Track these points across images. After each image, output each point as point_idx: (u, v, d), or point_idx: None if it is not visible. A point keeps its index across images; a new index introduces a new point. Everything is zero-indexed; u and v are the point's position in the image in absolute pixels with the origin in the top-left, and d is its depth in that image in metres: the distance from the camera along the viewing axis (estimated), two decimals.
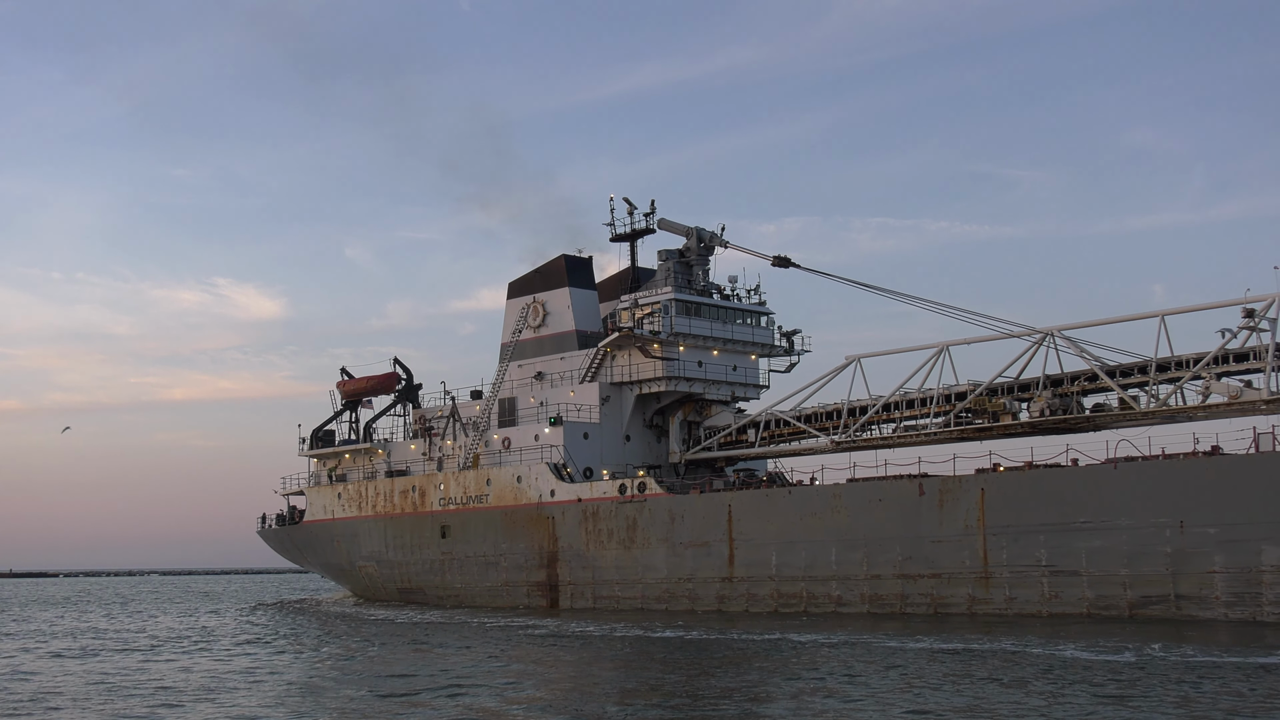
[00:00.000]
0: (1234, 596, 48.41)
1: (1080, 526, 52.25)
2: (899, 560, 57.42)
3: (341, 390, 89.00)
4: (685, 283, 76.08)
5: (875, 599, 58.08)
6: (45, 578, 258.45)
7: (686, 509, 65.52)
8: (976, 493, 55.42)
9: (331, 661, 42.55)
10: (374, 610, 75.15)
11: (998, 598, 54.42)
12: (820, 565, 59.97)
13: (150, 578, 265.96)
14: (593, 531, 69.51)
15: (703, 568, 64.45)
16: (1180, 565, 49.69)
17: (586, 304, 79.24)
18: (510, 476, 74.47)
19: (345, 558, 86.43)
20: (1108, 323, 60.44)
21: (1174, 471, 50.59)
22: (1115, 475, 51.96)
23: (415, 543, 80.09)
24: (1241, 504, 48.38)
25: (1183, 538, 49.66)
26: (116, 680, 37.90)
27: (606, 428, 74.74)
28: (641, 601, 66.88)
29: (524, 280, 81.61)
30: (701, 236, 76.97)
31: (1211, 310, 56.98)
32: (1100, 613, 51.41)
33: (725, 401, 76.23)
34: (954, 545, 55.84)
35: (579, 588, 70.08)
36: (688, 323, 74.00)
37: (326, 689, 34.28)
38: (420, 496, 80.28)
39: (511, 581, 73.69)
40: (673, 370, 73.54)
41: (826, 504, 60.35)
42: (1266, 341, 53.23)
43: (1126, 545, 51.00)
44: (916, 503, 57.12)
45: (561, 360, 78.08)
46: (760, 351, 78.08)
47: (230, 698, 32.79)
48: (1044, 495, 53.61)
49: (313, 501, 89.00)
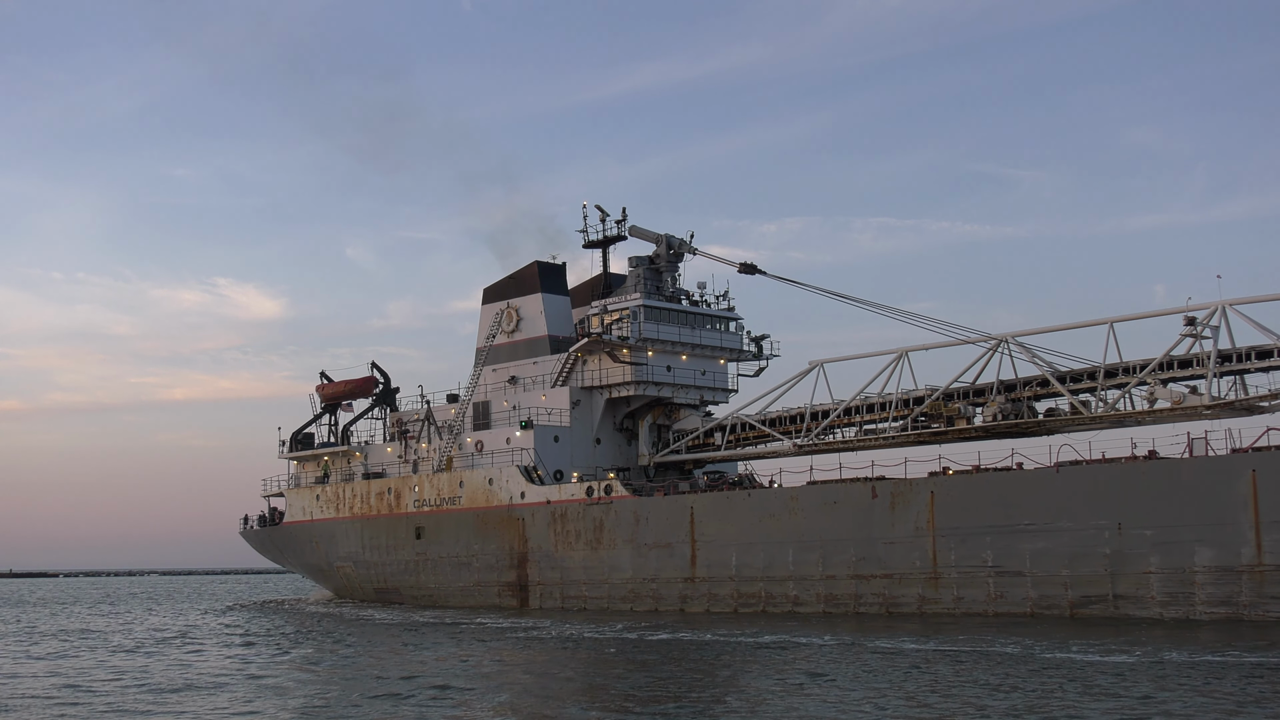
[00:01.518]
0: (1169, 596, 49.92)
1: (1024, 528, 53.78)
2: (853, 561, 58.93)
3: (321, 394, 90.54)
4: (655, 289, 77.61)
5: (830, 599, 59.59)
6: (45, 578, 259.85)
7: (650, 511, 67.04)
8: (926, 495, 56.94)
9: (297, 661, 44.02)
10: (350, 610, 76.66)
11: (946, 597, 55.92)
12: (778, 566, 61.48)
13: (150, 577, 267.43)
14: (561, 533, 71.04)
15: (666, 568, 65.97)
16: (1118, 566, 51.21)
17: (559, 309, 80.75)
18: (482, 479, 76.01)
19: (323, 558, 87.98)
20: (1060, 329, 61.83)
21: (1112, 475, 52.11)
22: (1057, 479, 53.48)
23: (391, 544, 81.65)
24: (1176, 507, 49.90)
25: (1121, 539, 51.18)
26: (80, 681, 39.32)
27: (577, 431, 76.25)
28: (608, 601, 68.39)
29: (498, 286, 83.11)
30: (671, 244, 78.52)
31: (1162, 317, 58.72)
32: (1043, 612, 52.92)
33: (694, 405, 77.74)
34: (905, 546, 57.35)
35: (548, 588, 71.61)
36: (656, 328, 75.50)
37: (289, 689, 34.92)
38: (396, 498, 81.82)
39: (483, 581, 75.22)
40: (641, 375, 75.07)
41: (784, 506, 61.87)
42: (1209, 349, 54.89)
43: (1068, 546, 52.51)
44: (870, 505, 58.64)
45: (534, 365, 79.60)
46: (729, 356, 79.62)
47: (183, 700, 34.01)
48: (990, 498, 55.14)
49: (292, 503, 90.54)
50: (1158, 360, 55.96)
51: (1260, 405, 55.57)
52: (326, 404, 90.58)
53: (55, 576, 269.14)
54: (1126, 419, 58.43)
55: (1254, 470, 48.17)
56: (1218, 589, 48.74)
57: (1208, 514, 49.06)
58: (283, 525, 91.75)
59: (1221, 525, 48.68)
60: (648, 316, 75.25)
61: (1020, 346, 60.89)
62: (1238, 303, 54.63)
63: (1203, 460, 50.36)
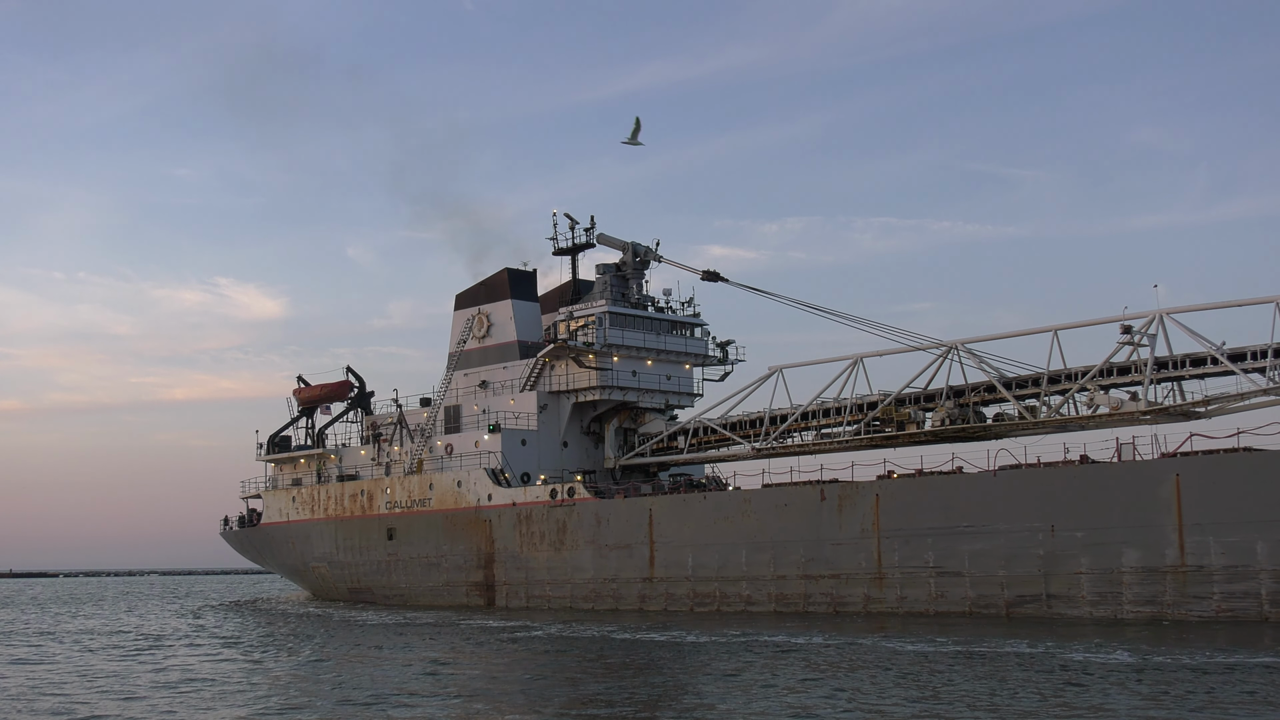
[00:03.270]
0: (1098, 596, 51.67)
1: (963, 530, 55.54)
2: (802, 561, 60.68)
3: (298, 397, 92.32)
4: (621, 296, 79.37)
5: (781, 598, 61.33)
6: (45, 578, 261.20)
7: (611, 513, 68.80)
8: (872, 498, 58.68)
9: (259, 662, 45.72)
10: (321, 609, 78.40)
11: (890, 597, 57.66)
12: (732, 566, 63.22)
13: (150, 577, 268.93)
14: (526, 534, 72.81)
15: (626, 568, 67.72)
16: (1051, 567, 52.95)
17: (528, 315, 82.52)
18: (451, 481, 77.78)
19: (299, 559, 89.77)
20: (1007, 336, 63.60)
21: (1046, 479, 53.87)
22: (994, 482, 55.25)
23: (363, 544, 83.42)
24: (1105, 510, 51.65)
25: (1054, 541, 52.92)
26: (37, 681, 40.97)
27: (544, 434, 78.03)
28: (570, 600, 70.14)
29: (470, 293, 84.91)
30: (637, 251, 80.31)
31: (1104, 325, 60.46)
32: (980, 611, 54.67)
33: (659, 409, 79.49)
34: (852, 548, 59.10)
35: (513, 587, 73.38)
36: (621, 334, 77.27)
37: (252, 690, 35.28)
38: (368, 500, 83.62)
39: (452, 581, 76.98)
40: (607, 380, 76.83)
41: (738, 508, 63.62)
42: (1146, 356, 56.66)
43: (1004, 548, 54.26)
44: (818, 507, 60.39)
45: (504, 369, 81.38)
46: (694, 361, 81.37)
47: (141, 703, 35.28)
48: (931, 501, 56.89)
49: (269, 505, 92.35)
50: (1098, 367, 57.74)
51: (1196, 410, 57.33)
52: (303, 407, 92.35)
53: (55, 576, 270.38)
54: (1070, 424, 60.17)
55: (1178, 474, 49.92)
56: (1143, 589, 50.50)
57: (1134, 517, 50.83)
58: (260, 526, 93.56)
59: (1147, 527, 50.44)
60: (613, 323, 77.01)
61: (969, 353, 62.63)
62: (1175, 311, 56.44)
63: (1130, 465, 52.15)
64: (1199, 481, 49.42)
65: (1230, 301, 57.12)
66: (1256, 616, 47.58)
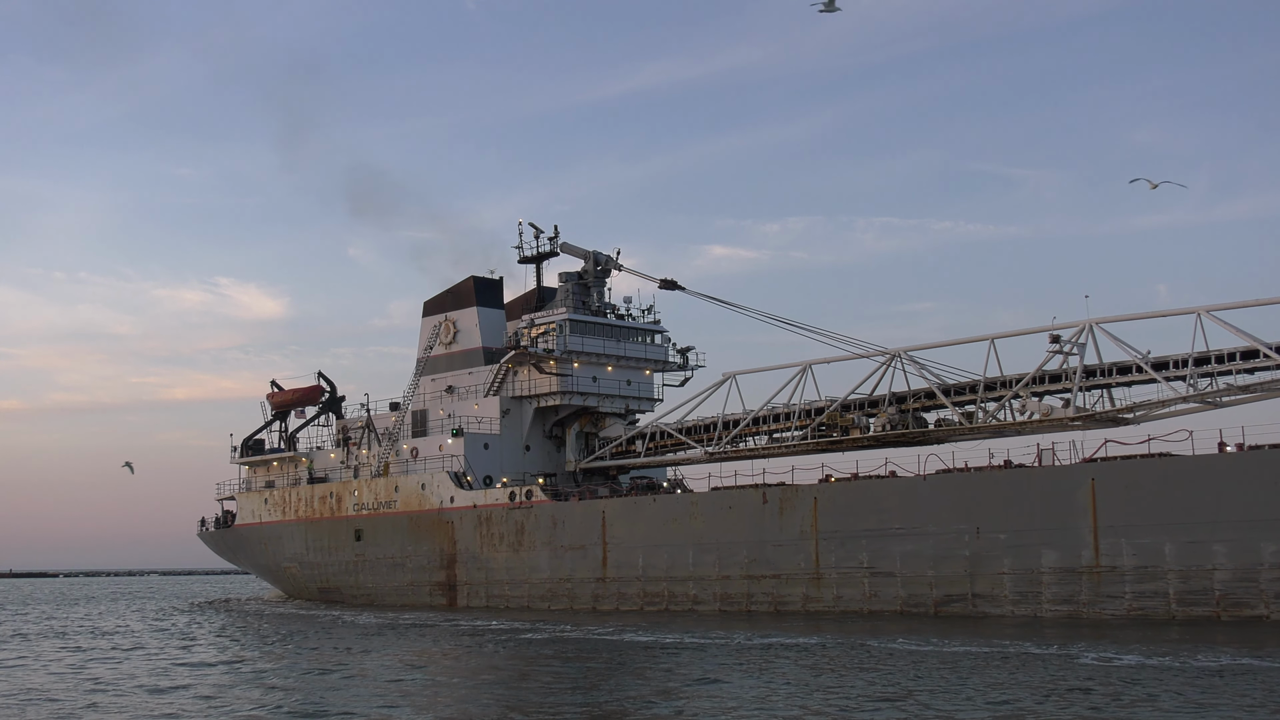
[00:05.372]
0: (1019, 595, 53.81)
1: (895, 532, 57.68)
2: (746, 562, 62.81)
3: (271, 401, 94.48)
4: (582, 303, 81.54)
5: (725, 598, 63.45)
6: (45, 578, 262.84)
7: (567, 515, 70.94)
8: (810, 501, 60.82)
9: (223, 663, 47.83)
10: (288, 608, 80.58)
11: (827, 596, 59.80)
12: (679, 567, 65.36)
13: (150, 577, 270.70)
14: (486, 535, 74.95)
15: (580, 569, 69.86)
16: (976, 567, 55.10)
17: (493, 322, 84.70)
18: (415, 484, 79.95)
19: (272, 559, 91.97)
20: (948, 344, 65.70)
21: (971, 483, 56.03)
22: (924, 486, 57.39)
23: (332, 545, 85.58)
24: (1026, 512, 53.82)
25: (979, 542, 55.07)
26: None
27: (507, 438, 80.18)
28: (528, 600, 72.28)
29: (437, 299, 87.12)
30: (598, 260, 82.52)
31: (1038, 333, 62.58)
32: (911, 610, 56.80)
33: (620, 414, 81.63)
34: (792, 549, 61.23)
35: (474, 587, 75.52)
36: (581, 341, 79.41)
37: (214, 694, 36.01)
38: (337, 502, 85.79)
39: (416, 582, 79.13)
40: (567, 385, 78.99)
41: (685, 511, 65.79)
42: (1076, 364, 58.83)
43: (933, 549, 56.40)
44: (760, 510, 62.53)
45: (470, 375, 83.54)
46: (654, 367, 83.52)
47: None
48: (866, 504, 59.03)
49: (243, 506, 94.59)
50: (1031, 375, 59.86)
51: (1124, 417, 59.46)
52: (276, 411, 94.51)
53: (55, 576, 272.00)
54: (1006, 429, 62.33)
55: (1093, 479, 52.08)
56: (1061, 589, 52.63)
57: (1053, 519, 52.98)
58: (235, 528, 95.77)
59: (1065, 530, 52.59)
60: (573, 330, 79.16)
61: (911, 361, 64.77)
62: (1104, 321, 58.52)
63: (1049, 469, 54.32)
64: (1112, 486, 51.58)
65: (1156, 312, 59.29)
66: (1165, 616, 49.69)
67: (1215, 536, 48.93)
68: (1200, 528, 49.19)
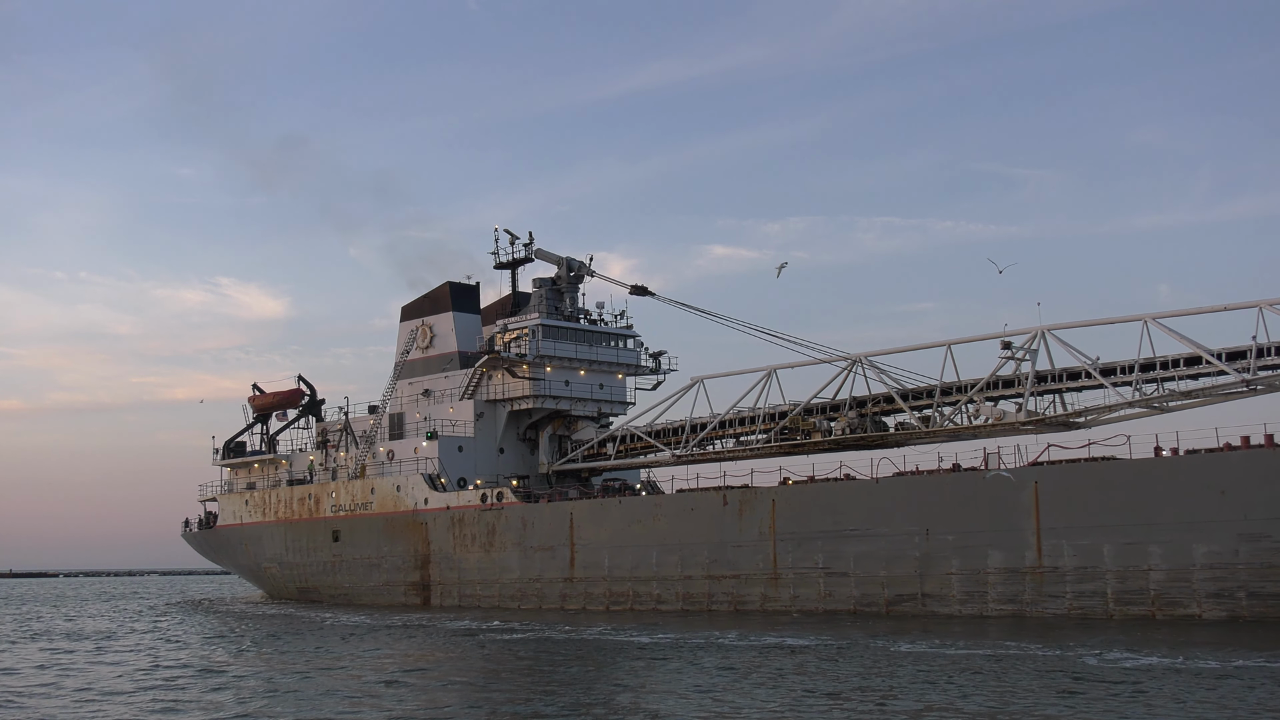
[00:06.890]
0: (966, 595, 55.38)
1: (849, 533, 59.23)
2: (707, 563, 64.36)
3: (252, 404, 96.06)
4: (555, 309, 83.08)
5: (688, 597, 65.00)
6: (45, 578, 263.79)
7: (536, 516, 72.50)
8: (769, 503, 62.36)
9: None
10: (265, 608, 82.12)
11: (784, 596, 61.35)
12: (644, 567, 66.91)
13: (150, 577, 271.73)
14: (459, 536, 76.50)
15: (549, 569, 71.40)
16: (926, 568, 56.65)
17: (469, 327, 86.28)
18: (391, 486, 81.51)
19: (252, 560, 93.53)
20: (907, 350, 67.11)
21: (921, 486, 57.58)
22: (877, 489, 58.95)
23: (311, 546, 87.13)
24: (973, 514, 55.37)
25: (929, 543, 56.63)
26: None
27: (480, 441, 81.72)
28: (499, 600, 73.83)
29: (415, 304, 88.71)
30: (571, 266, 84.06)
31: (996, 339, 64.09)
32: (864, 609, 58.35)
33: (592, 417, 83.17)
34: (751, 550, 62.78)
35: (447, 587, 77.07)
36: (554, 345, 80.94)
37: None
38: (315, 503, 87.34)
39: (391, 581, 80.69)
40: (540, 389, 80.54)
41: (650, 512, 67.35)
42: (1028, 370, 60.39)
43: (885, 550, 57.95)
44: (721, 512, 64.08)
45: (446, 379, 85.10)
46: (627, 371, 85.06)
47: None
48: (822, 506, 60.58)
49: (224, 508, 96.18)
50: (984, 380, 61.40)
51: (1075, 421, 61.02)
52: (258, 414, 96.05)
53: (55, 576, 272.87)
54: (962, 433, 63.89)
55: (1036, 482, 53.63)
56: (1006, 588, 54.19)
57: (998, 521, 54.54)
58: (217, 529, 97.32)
59: (1009, 531, 54.14)
60: (545, 334, 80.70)
61: (872, 366, 66.30)
62: (1056, 328, 60.09)
63: (995, 473, 55.78)
64: (1054, 489, 53.14)
65: (1106, 319, 60.88)
66: (1103, 614, 51.25)
67: (1151, 538, 50.50)
68: (1136, 529, 50.76)
